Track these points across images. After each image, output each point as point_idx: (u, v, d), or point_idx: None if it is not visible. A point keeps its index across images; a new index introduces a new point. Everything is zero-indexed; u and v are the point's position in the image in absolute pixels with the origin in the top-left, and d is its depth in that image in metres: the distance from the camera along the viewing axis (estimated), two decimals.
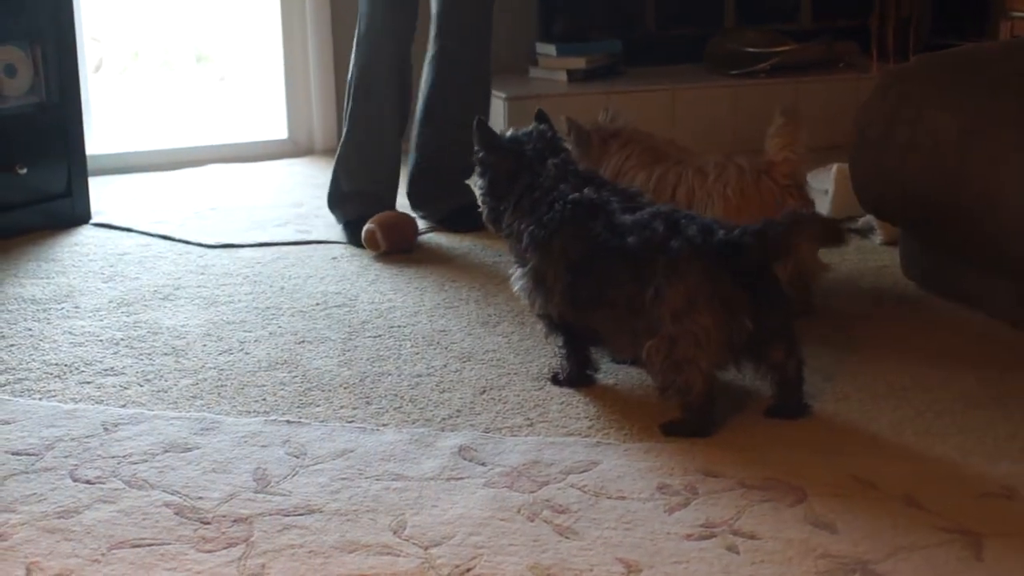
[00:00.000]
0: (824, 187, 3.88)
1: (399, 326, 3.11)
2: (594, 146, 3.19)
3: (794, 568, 1.96)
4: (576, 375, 2.72)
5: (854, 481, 2.24)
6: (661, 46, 5.49)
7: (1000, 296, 3.02)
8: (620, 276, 2.49)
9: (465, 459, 2.36)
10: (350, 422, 2.55)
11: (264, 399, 2.67)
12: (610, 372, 2.76)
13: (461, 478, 2.28)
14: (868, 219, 3.75)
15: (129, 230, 4.04)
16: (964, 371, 2.77)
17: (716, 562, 1.98)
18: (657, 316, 2.41)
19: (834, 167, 3.86)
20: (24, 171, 3.94)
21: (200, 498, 2.22)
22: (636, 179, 3.12)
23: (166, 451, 2.42)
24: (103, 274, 3.56)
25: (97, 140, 4.91)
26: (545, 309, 2.67)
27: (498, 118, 4.85)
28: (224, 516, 2.16)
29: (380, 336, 3.04)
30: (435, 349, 2.95)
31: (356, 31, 3.87)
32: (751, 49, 5.22)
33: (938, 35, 5.23)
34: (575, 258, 2.57)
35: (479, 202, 2.84)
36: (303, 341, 3.02)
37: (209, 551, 2.04)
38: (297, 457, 2.38)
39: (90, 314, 3.21)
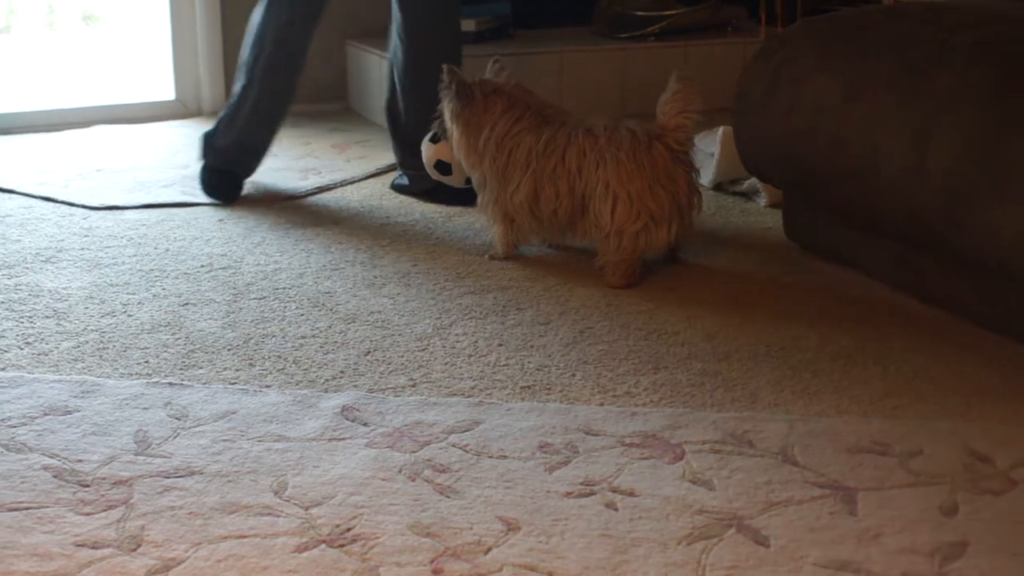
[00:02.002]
0: (710, 150, 3.92)
1: (284, 288, 3.10)
2: (478, 101, 3.19)
3: (671, 524, 1.99)
4: None
5: (732, 439, 2.28)
6: (550, 9, 5.48)
7: (879, 257, 3.07)
8: None
9: (348, 420, 2.36)
10: (233, 384, 2.54)
11: (146, 361, 2.65)
12: (498, 334, 2.78)
13: (343, 439, 2.29)
14: (752, 182, 3.79)
15: (11, 192, 3.97)
16: (842, 331, 2.81)
17: (595, 519, 2.01)
18: None
19: (720, 130, 3.89)
20: None
21: (80, 461, 2.21)
22: (524, 142, 3.13)
23: (46, 414, 2.39)
24: None
25: None
26: None
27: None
28: (104, 479, 2.14)
29: (265, 298, 3.03)
30: (320, 311, 2.95)
31: None
32: (640, 12, 5.24)
33: (826, 0, 5.27)
34: None
35: None
36: (187, 303, 3.00)
37: (88, 513, 2.03)
38: (179, 419, 2.37)
39: None
